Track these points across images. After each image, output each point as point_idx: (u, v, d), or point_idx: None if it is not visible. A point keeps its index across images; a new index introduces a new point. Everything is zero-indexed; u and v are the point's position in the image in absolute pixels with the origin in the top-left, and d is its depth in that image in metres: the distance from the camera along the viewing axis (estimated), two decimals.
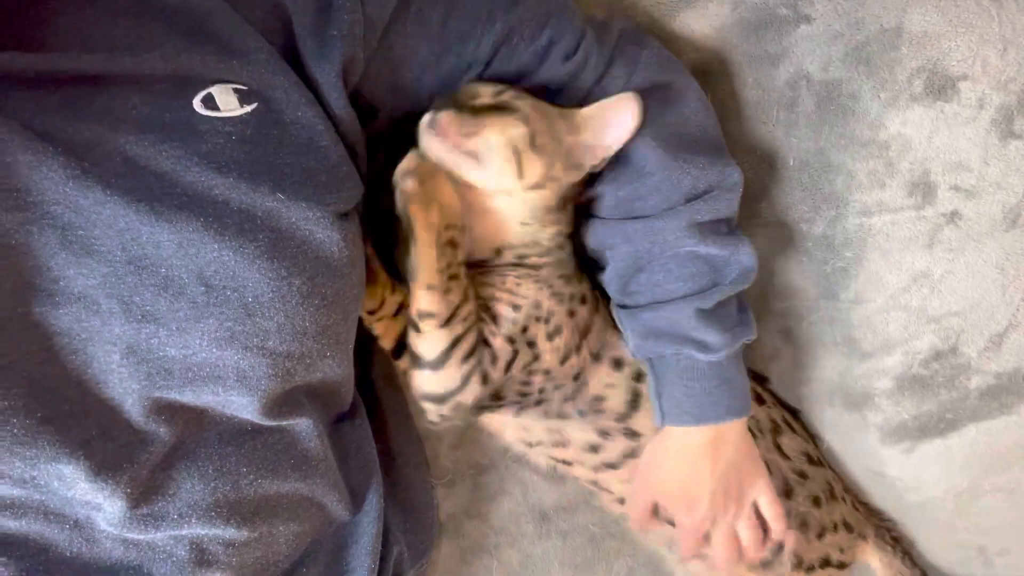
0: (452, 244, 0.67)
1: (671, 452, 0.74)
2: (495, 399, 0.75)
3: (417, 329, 0.68)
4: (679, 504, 0.76)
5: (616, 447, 0.77)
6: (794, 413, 0.88)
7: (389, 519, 0.76)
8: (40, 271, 0.51)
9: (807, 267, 0.79)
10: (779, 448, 0.81)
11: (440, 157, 0.66)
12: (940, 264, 0.71)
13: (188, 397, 0.56)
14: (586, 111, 0.68)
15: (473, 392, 0.71)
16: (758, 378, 0.91)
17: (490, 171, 0.67)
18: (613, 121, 0.68)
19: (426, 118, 0.65)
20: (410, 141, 0.69)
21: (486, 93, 0.67)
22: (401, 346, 0.75)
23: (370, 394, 0.82)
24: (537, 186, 0.69)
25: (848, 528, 0.81)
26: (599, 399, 0.75)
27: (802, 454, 0.82)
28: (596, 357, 0.75)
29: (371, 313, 0.75)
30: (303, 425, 0.63)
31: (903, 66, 0.69)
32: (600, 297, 0.78)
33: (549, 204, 0.72)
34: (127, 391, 0.54)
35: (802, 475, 0.80)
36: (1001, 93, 0.66)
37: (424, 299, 0.67)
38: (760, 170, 0.80)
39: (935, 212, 0.70)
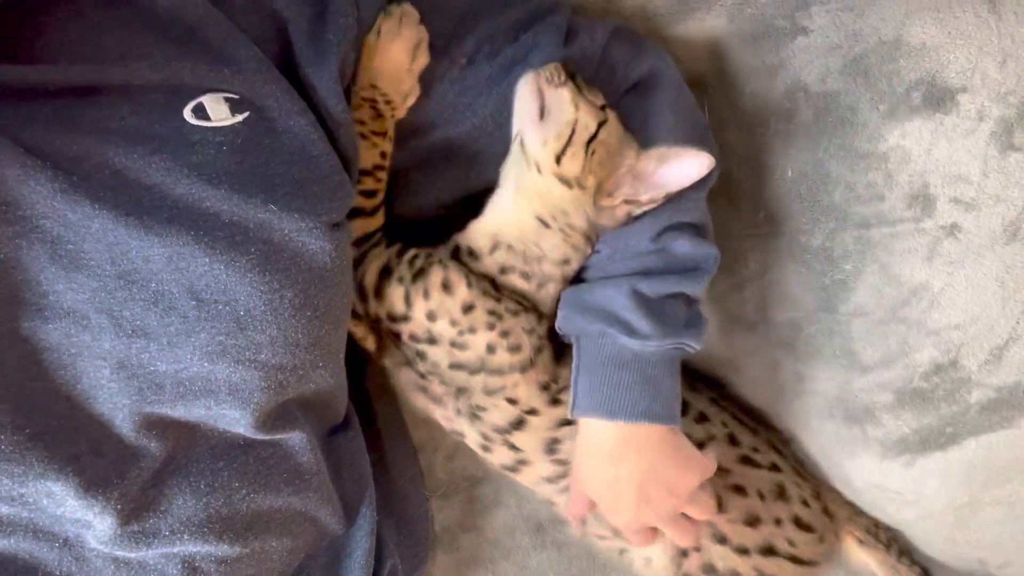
0: (374, 107, 0.66)
1: (588, 453, 0.70)
2: (395, 338, 0.72)
3: None
4: (604, 507, 0.72)
5: (503, 455, 0.74)
6: (754, 430, 0.87)
7: (383, 532, 0.75)
8: (29, 285, 0.50)
9: (806, 279, 0.79)
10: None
11: (521, 94, 0.67)
12: (939, 277, 0.71)
13: (179, 412, 0.55)
14: (659, 149, 0.68)
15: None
16: (715, 387, 0.91)
17: (540, 132, 0.67)
18: (677, 166, 0.66)
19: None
20: (399, 145, 0.69)
21: (598, 97, 0.68)
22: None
23: (364, 405, 0.82)
24: (564, 179, 0.67)
25: (802, 525, 0.79)
26: (480, 408, 0.72)
27: (738, 459, 0.80)
28: (489, 393, 0.71)
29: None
30: (296, 439, 0.63)
31: (902, 78, 0.69)
32: (542, 365, 0.72)
33: (571, 219, 0.69)
34: (117, 406, 0.53)
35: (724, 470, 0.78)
36: (1000, 105, 0.66)
37: None
38: (758, 181, 0.80)
39: (934, 224, 0.70)
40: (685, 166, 0.66)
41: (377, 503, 0.73)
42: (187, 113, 0.53)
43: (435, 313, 0.68)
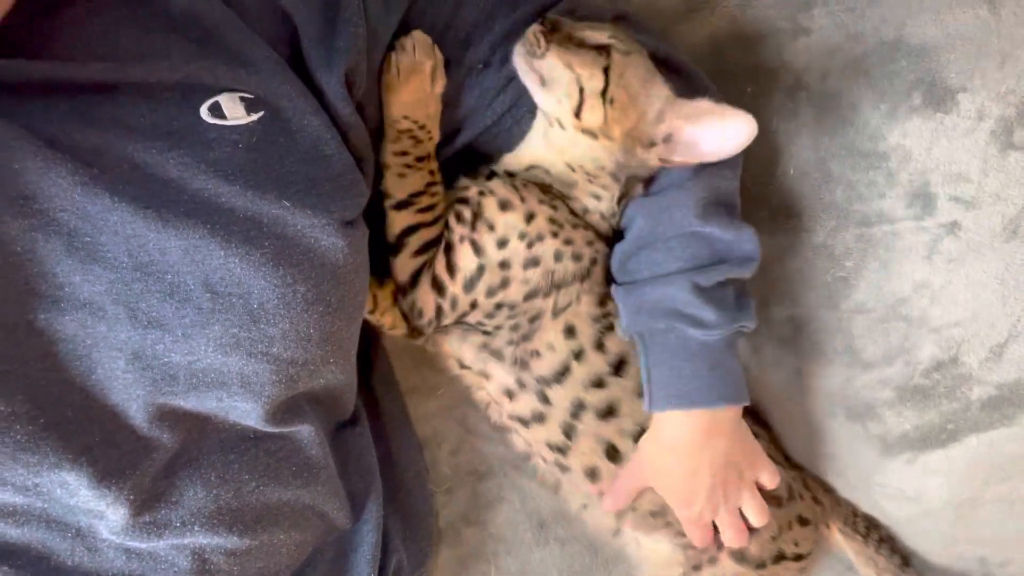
0: (412, 136, 0.68)
1: (665, 448, 0.71)
2: (458, 323, 0.74)
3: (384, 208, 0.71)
4: (676, 498, 0.74)
5: (527, 402, 0.75)
6: (764, 425, 0.88)
7: (389, 526, 0.76)
8: (45, 277, 0.51)
9: (807, 276, 0.80)
10: None
11: (517, 65, 0.67)
12: (940, 275, 0.71)
13: (192, 403, 0.56)
14: (701, 104, 0.65)
15: (426, 298, 0.72)
16: None
17: (549, 97, 0.67)
18: (718, 130, 0.64)
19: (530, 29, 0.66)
20: None
21: (598, 35, 0.66)
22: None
23: (370, 401, 0.82)
24: (589, 133, 0.68)
25: (803, 522, 0.81)
26: (536, 354, 0.73)
27: None
28: (555, 314, 0.72)
29: (371, 312, 0.75)
30: (305, 432, 0.63)
31: (902, 78, 0.70)
32: (596, 277, 0.75)
33: (601, 162, 0.70)
34: (131, 397, 0.54)
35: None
36: (1000, 105, 0.67)
37: (384, 176, 0.70)
38: (760, 179, 0.80)
39: (935, 223, 0.71)
40: (727, 131, 0.63)
41: (383, 498, 0.74)
42: (204, 111, 0.54)
43: (505, 238, 0.70)
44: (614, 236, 0.75)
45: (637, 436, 0.74)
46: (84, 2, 0.54)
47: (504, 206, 0.70)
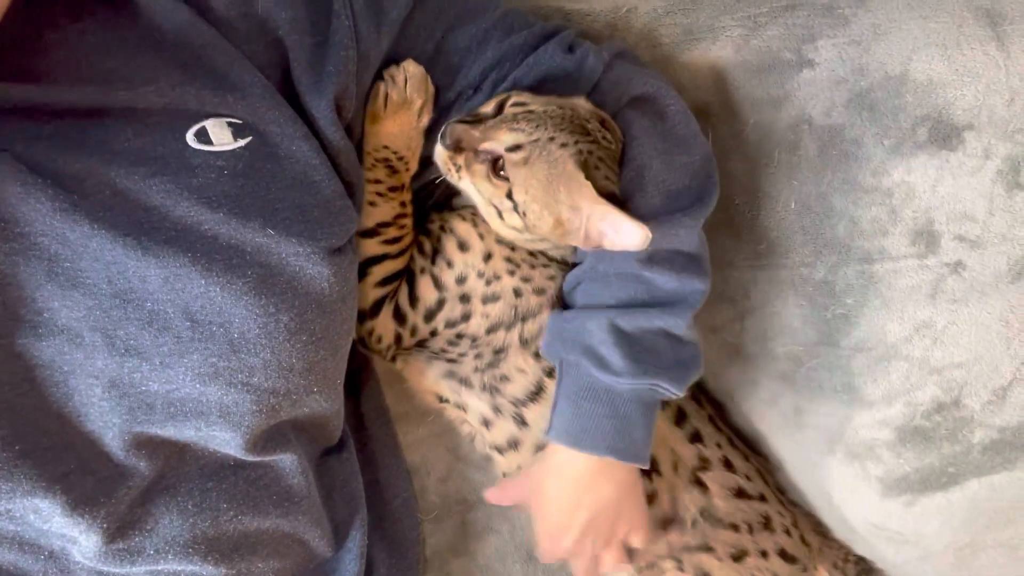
0: (389, 166, 0.69)
1: (553, 472, 0.70)
2: (420, 346, 0.75)
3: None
4: (549, 527, 0.72)
5: (504, 429, 0.75)
6: (746, 455, 0.86)
7: (373, 555, 0.75)
8: (24, 302, 0.50)
9: (807, 312, 0.78)
10: (698, 482, 0.79)
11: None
12: (943, 315, 0.70)
13: (170, 432, 0.55)
14: (608, 216, 0.63)
15: (386, 326, 0.73)
16: (717, 407, 0.90)
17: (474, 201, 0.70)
18: (618, 234, 0.63)
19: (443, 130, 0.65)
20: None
21: (504, 138, 0.63)
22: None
23: (359, 427, 0.81)
24: (514, 228, 0.69)
25: (788, 558, 0.80)
26: (505, 379, 0.74)
27: (729, 489, 0.80)
28: (524, 343, 0.73)
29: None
30: (287, 461, 0.62)
31: (907, 113, 0.69)
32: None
33: (536, 244, 0.72)
34: (108, 425, 0.53)
35: (709, 515, 0.79)
36: (1007, 144, 0.66)
37: None
38: (761, 212, 0.79)
39: (939, 262, 0.69)
40: (624, 238, 0.63)
41: (369, 525, 0.73)
42: (189, 137, 0.54)
43: (464, 274, 0.71)
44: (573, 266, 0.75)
45: None
46: (72, 24, 0.54)
47: (462, 246, 0.72)
